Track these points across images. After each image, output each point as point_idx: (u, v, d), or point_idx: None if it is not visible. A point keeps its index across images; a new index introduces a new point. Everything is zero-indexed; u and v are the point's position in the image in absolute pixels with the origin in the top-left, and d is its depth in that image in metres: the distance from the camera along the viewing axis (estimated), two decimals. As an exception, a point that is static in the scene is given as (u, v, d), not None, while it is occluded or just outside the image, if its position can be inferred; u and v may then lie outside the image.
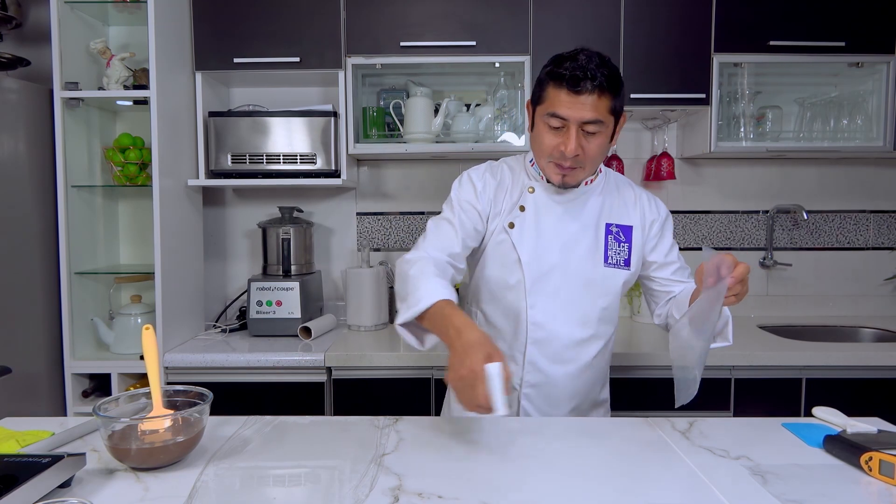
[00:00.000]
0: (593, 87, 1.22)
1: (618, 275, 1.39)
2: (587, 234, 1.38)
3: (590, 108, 1.23)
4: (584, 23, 2.19)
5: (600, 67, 1.23)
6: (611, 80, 1.24)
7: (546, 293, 1.37)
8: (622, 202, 1.43)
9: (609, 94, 1.24)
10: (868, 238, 2.61)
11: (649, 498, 0.91)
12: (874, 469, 0.97)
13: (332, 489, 0.94)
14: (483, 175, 1.43)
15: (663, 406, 1.96)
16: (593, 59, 1.23)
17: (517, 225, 1.38)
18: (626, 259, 1.40)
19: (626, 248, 1.40)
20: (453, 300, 1.17)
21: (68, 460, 0.90)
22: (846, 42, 2.20)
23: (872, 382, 1.97)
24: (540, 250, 1.37)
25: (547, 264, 1.37)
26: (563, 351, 1.39)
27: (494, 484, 0.95)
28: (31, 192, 2.08)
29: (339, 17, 2.19)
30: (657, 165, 2.48)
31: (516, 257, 1.37)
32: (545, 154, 1.31)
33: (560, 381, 1.40)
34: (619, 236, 1.40)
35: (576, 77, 1.22)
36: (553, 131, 1.28)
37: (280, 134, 2.22)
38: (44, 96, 2.12)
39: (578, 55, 1.24)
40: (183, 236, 2.23)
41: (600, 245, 1.39)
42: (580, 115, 1.24)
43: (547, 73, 1.28)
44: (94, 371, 2.09)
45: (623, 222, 1.41)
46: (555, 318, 1.37)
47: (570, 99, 1.23)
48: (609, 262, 1.39)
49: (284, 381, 2.01)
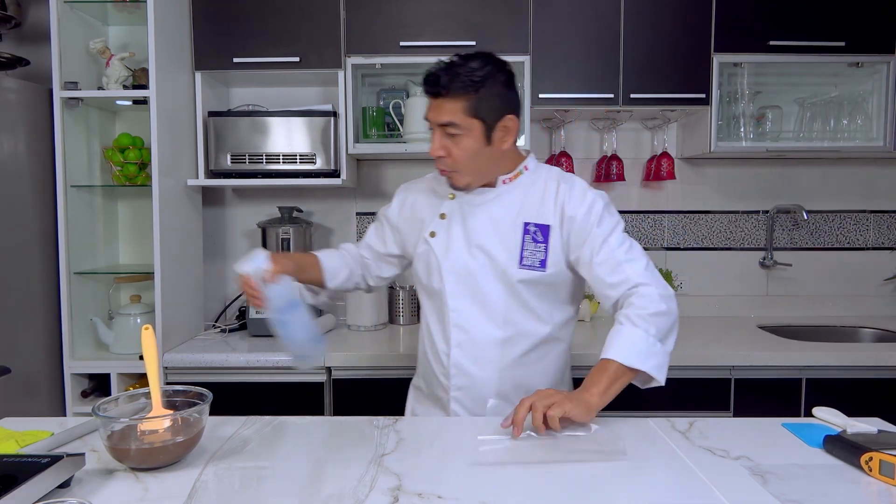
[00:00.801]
0: (438, 90, 1.25)
1: (534, 277, 1.34)
2: (505, 234, 1.36)
3: (443, 110, 1.26)
4: (583, 23, 2.19)
5: (451, 69, 1.24)
6: (459, 81, 1.23)
7: (466, 296, 1.37)
8: (543, 199, 1.37)
9: (460, 96, 1.24)
10: (868, 238, 2.61)
11: (649, 498, 0.91)
12: (874, 469, 0.97)
13: (332, 489, 0.94)
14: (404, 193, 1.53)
15: (663, 406, 1.96)
16: (457, 62, 1.25)
17: (438, 233, 1.41)
18: (543, 260, 1.34)
19: (543, 248, 1.34)
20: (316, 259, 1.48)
21: (68, 460, 0.90)
22: (846, 42, 2.20)
23: (872, 382, 1.97)
24: (459, 254, 1.38)
25: (465, 268, 1.37)
26: (485, 352, 1.37)
27: (494, 484, 0.95)
28: (30, 192, 2.08)
29: (339, 16, 2.19)
30: (657, 165, 2.48)
31: (437, 263, 1.39)
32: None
33: (484, 381, 1.38)
34: (536, 236, 1.35)
35: (427, 80, 1.27)
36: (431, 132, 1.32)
37: (280, 134, 2.21)
38: (43, 96, 2.11)
39: (437, 65, 1.27)
40: (182, 236, 2.22)
41: (517, 245, 1.35)
42: (435, 117, 1.28)
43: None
44: (94, 371, 2.08)
45: (541, 221, 1.35)
46: (475, 321, 1.37)
47: (431, 102, 1.29)
48: (524, 264, 1.34)
49: (284, 381, 2.01)
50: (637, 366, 1.20)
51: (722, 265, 2.61)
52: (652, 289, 1.27)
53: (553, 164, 2.48)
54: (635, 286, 1.28)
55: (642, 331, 1.22)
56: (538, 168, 1.44)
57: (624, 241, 1.33)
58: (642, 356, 1.21)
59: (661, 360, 1.23)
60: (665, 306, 1.25)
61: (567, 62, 2.20)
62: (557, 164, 2.46)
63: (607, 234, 1.31)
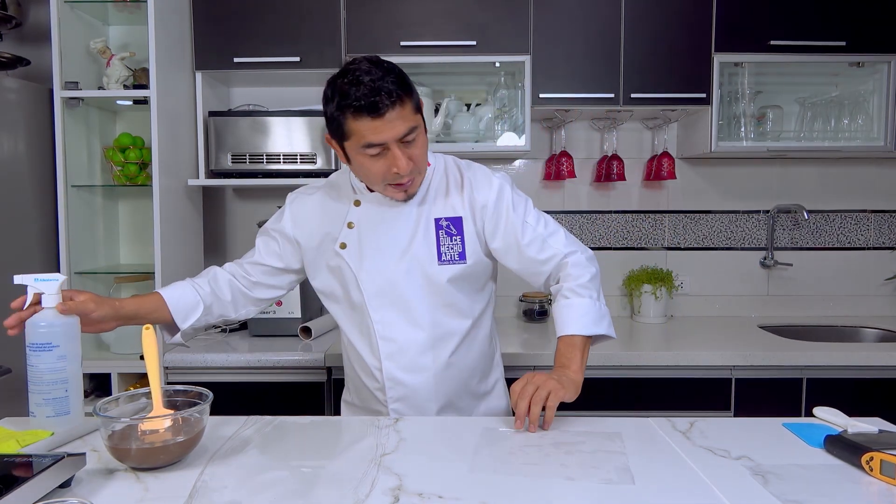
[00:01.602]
0: (392, 101, 1.15)
1: (454, 270, 1.33)
2: (418, 234, 1.33)
3: (398, 122, 1.17)
4: (584, 22, 2.19)
5: (386, 77, 1.16)
6: (401, 84, 1.17)
7: (388, 305, 1.33)
8: (448, 191, 1.35)
9: (407, 97, 1.18)
10: (869, 238, 2.61)
11: (650, 498, 0.91)
12: (875, 469, 0.96)
13: (332, 489, 0.94)
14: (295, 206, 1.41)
15: (664, 406, 1.96)
16: (372, 72, 1.16)
17: (349, 244, 1.34)
18: (461, 253, 1.33)
19: (459, 241, 1.33)
20: (161, 299, 1.34)
21: (68, 460, 0.90)
22: (847, 42, 2.20)
23: (873, 382, 1.97)
24: (375, 263, 1.33)
25: (383, 276, 1.32)
26: (416, 358, 1.35)
27: (495, 484, 0.95)
28: (31, 191, 2.08)
29: (339, 16, 2.19)
30: (657, 165, 2.48)
31: (353, 275, 1.33)
32: (378, 181, 1.25)
33: (421, 388, 1.36)
34: (450, 230, 1.33)
35: (372, 103, 1.14)
36: (375, 158, 1.21)
37: (280, 133, 2.21)
38: (44, 96, 2.11)
39: (360, 78, 1.15)
40: (183, 236, 2.23)
41: (432, 243, 1.33)
42: (393, 134, 1.17)
43: (338, 109, 1.19)
44: (94, 371, 2.08)
45: (451, 214, 1.33)
46: (401, 329, 1.33)
47: (376, 124, 1.16)
48: (443, 260, 1.32)
49: (284, 380, 2.01)
50: (597, 332, 1.28)
51: (722, 265, 2.61)
52: (579, 255, 1.34)
53: (553, 163, 2.49)
54: (564, 257, 1.34)
55: (588, 299, 1.29)
56: (436, 159, 1.39)
57: (539, 217, 1.36)
58: (598, 322, 1.29)
59: (608, 318, 1.32)
60: (594, 268, 1.34)
61: (567, 62, 2.20)
62: (558, 164, 2.46)
63: (524, 215, 1.34)
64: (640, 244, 2.60)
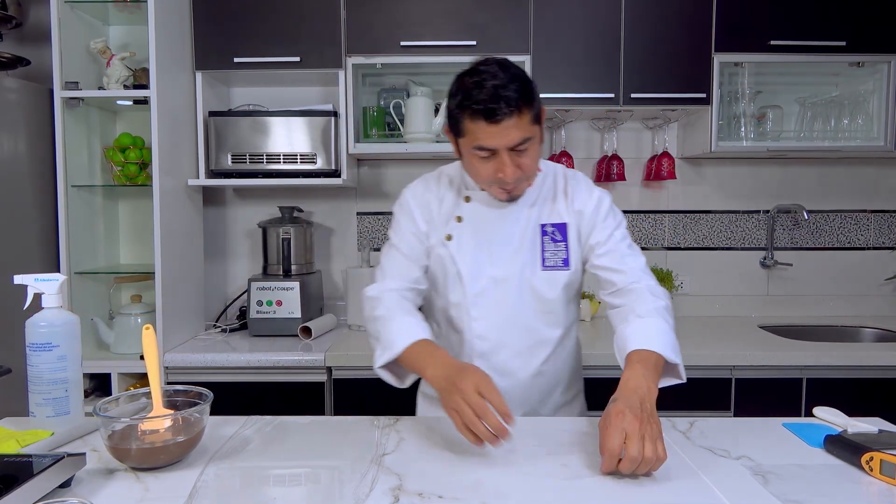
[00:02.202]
0: (510, 110, 1.14)
1: (557, 277, 1.33)
2: (524, 238, 1.33)
3: (513, 130, 1.16)
4: (584, 22, 2.19)
5: (509, 85, 1.15)
6: (523, 93, 1.16)
7: (488, 305, 1.33)
8: (555, 198, 1.36)
9: (527, 108, 1.17)
10: (868, 238, 2.61)
11: (650, 498, 0.91)
12: (875, 469, 0.97)
13: (332, 489, 0.94)
14: (416, 192, 1.40)
15: (664, 406, 1.96)
16: (499, 77, 1.15)
17: (455, 237, 1.34)
18: (565, 259, 1.33)
19: (563, 247, 1.34)
20: (427, 336, 1.20)
21: (68, 460, 0.90)
22: (847, 42, 2.20)
23: (873, 382, 1.97)
24: (479, 261, 1.33)
25: (486, 276, 1.33)
26: (508, 361, 1.35)
27: (494, 484, 0.95)
28: (31, 192, 2.08)
29: (339, 16, 2.18)
30: (657, 165, 2.48)
31: (456, 270, 1.33)
32: (484, 181, 1.26)
33: (508, 392, 1.34)
34: (555, 236, 1.34)
35: (490, 109, 1.14)
36: (484, 160, 1.22)
37: (280, 134, 2.21)
38: (44, 96, 2.11)
39: (484, 81, 1.15)
40: (183, 236, 2.23)
41: (537, 248, 1.33)
42: (506, 142, 1.17)
43: (458, 107, 1.19)
44: (94, 371, 2.08)
45: (557, 220, 1.35)
46: (498, 330, 1.33)
47: (491, 129, 1.16)
48: (547, 266, 1.33)
49: (284, 381, 2.01)
50: (676, 360, 1.17)
51: (722, 265, 2.61)
52: (655, 284, 1.29)
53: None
54: (640, 279, 1.28)
55: (667, 325, 1.21)
56: (546, 166, 1.41)
57: (626, 237, 1.35)
58: (676, 352, 1.18)
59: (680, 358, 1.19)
60: (668, 301, 1.27)
61: (567, 62, 2.20)
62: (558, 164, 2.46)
63: (613, 229, 1.33)
64: (640, 244, 2.60)
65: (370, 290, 1.36)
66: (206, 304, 2.45)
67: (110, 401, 1.08)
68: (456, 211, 1.36)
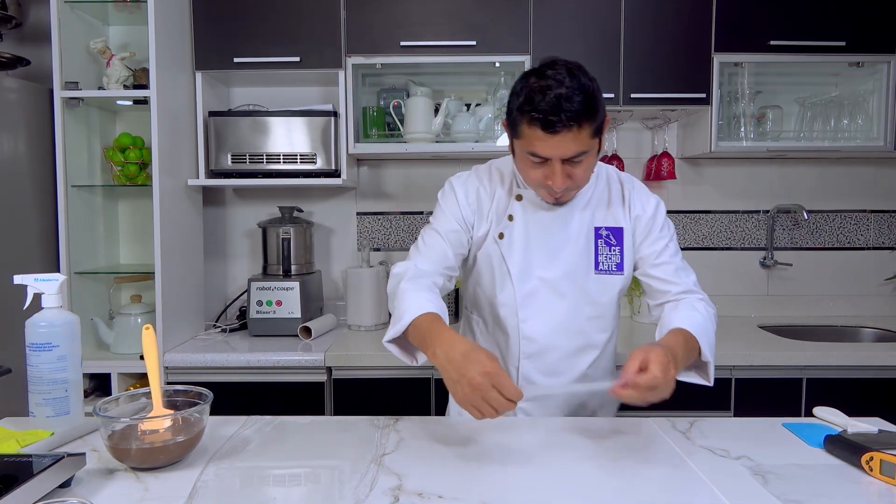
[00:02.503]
0: (570, 124, 1.11)
1: (610, 281, 1.33)
2: (578, 240, 1.32)
3: (570, 143, 1.13)
4: (584, 22, 2.19)
5: (574, 97, 1.10)
6: (587, 106, 1.11)
7: (538, 306, 1.32)
8: (611, 202, 1.36)
9: (588, 122, 1.13)
10: (868, 238, 2.61)
11: (650, 497, 0.91)
12: (875, 469, 0.97)
13: (332, 489, 0.94)
14: (465, 182, 1.37)
15: (664, 406, 1.96)
16: (565, 85, 1.11)
17: (506, 235, 1.32)
18: (619, 263, 1.33)
19: (618, 251, 1.33)
20: (439, 314, 1.15)
21: (68, 460, 0.90)
22: (846, 42, 2.20)
23: (873, 382, 1.97)
24: (530, 262, 1.31)
25: (537, 277, 1.31)
26: (556, 364, 1.34)
27: (495, 484, 0.95)
28: (31, 192, 2.08)
29: (339, 16, 2.18)
30: (657, 165, 2.48)
31: (506, 270, 1.32)
32: (532, 183, 1.25)
33: (555, 393, 1.36)
34: (609, 240, 1.33)
35: (550, 121, 1.11)
36: (536, 165, 1.20)
37: (280, 134, 2.21)
38: (44, 96, 2.11)
39: (549, 88, 1.11)
40: (183, 236, 2.23)
41: (591, 251, 1.32)
42: (560, 153, 1.15)
43: (518, 109, 1.16)
44: (94, 371, 2.08)
45: (612, 224, 1.34)
46: (547, 332, 1.32)
47: (547, 139, 1.13)
48: (600, 269, 1.32)
49: (284, 381, 2.01)
50: (709, 357, 1.20)
51: (722, 265, 2.61)
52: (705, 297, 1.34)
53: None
54: (692, 292, 1.33)
55: (713, 327, 1.26)
56: (598, 168, 1.37)
57: (678, 251, 1.37)
58: (711, 350, 1.21)
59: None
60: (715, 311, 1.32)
61: (567, 62, 2.19)
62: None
63: (668, 240, 1.35)
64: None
65: (397, 266, 1.32)
66: (206, 304, 2.45)
67: (110, 401, 1.08)
68: (508, 209, 1.34)
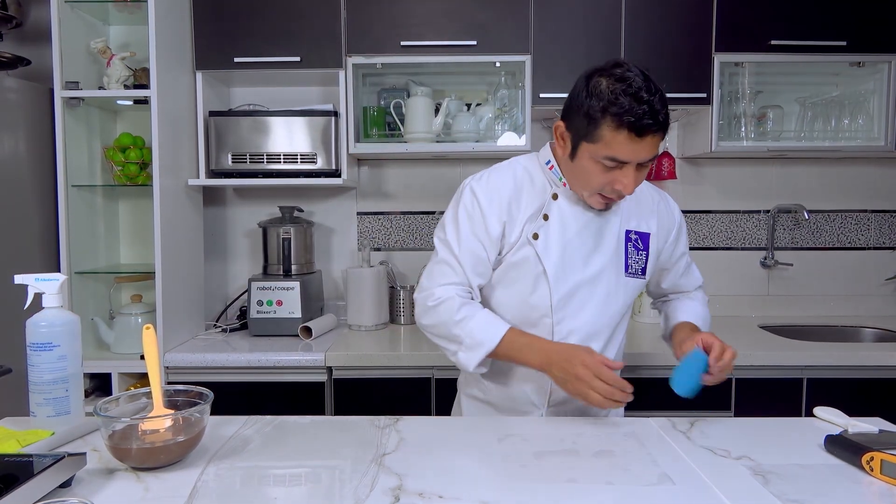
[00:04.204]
0: (657, 129, 1.13)
1: (635, 284, 1.36)
2: (610, 242, 1.32)
3: (651, 148, 1.16)
4: (584, 22, 2.19)
5: (657, 99, 1.12)
6: (667, 109, 1.15)
7: (572, 308, 1.30)
8: (641, 207, 1.37)
9: (667, 126, 1.16)
10: (869, 238, 2.61)
11: (651, 498, 0.91)
12: (875, 469, 0.96)
13: (332, 489, 0.94)
14: (491, 188, 1.30)
15: (664, 406, 1.96)
16: (651, 90, 1.12)
17: (542, 235, 1.29)
18: (643, 267, 1.36)
19: (644, 256, 1.36)
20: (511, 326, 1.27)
21: (68, 460, 0.90)
22: (847, 41, 2.19)
23: (873, 382, 1.97)
24: (565, 263, 1.29)
25: (572, 278, 1.29)
26: None
27: (495, 484, 0.95)
28: (31, 191, 2.08)
29: (340, 16, 2.18)
30: (658, 165, 2.48)
31: (541, 270, 1.28)
32: (594, 187, 1.22)
33: None
34: (637, 244, 1.35)
35: (644, 126, 1.11)
36: (607, 170, 1.18)
37: (280, 133, 2.21)
38: (44, 96, 2.11)
39: (639, 92, 1.10)
40: (183, 236, 2.22)
41: (621, 253, 1.33)
42: (642, 157, 1.16)
43: (602, 111, 1.13)
44: (95, 371, 2.08)
45: (642, 229, 1.36)
46: (578, 333, 1.31)
47: (633, 144, 1.13)
48: (629, 272, 1.34)
49: (285, 380, 2.01)
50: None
51: (723, 265, 2.61)
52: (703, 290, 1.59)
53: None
54: (699, 288, 1.58)
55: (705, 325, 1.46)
56: None
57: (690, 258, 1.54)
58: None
59: None
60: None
61: (568, 62, 2.19)
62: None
63: (685, 249, 1.49)
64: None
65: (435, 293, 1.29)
66: (206, 304, 2.45)
67: (110, 401, 1.07)
68: (543, 208, 1.30)
